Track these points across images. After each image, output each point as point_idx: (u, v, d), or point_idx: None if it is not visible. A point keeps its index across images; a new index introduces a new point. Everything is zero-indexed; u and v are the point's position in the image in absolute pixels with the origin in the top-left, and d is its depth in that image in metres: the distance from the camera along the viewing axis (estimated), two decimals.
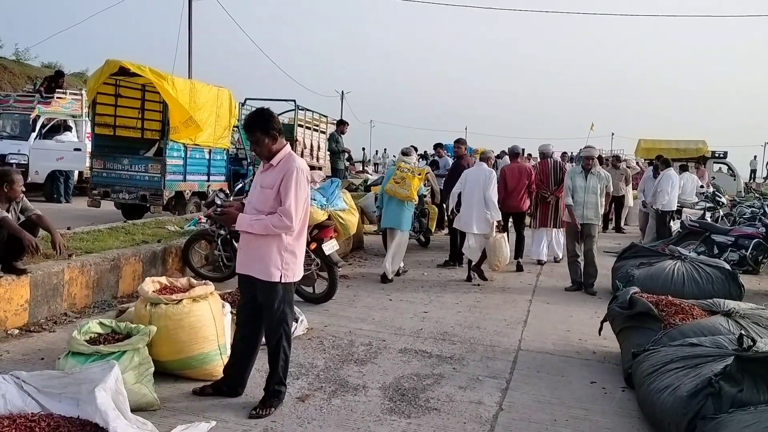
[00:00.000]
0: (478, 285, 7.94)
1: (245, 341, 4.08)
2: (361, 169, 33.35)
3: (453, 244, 9.25)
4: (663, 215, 11.06)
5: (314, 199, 6.20)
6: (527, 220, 9.93)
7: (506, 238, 8.50)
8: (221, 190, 7.33)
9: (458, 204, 8.25)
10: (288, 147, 3.94)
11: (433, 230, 11.36)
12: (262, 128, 3.84)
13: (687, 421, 3.38)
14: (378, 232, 10.47)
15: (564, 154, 19.60)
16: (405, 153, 8.35)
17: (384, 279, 7.79)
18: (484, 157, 8.58)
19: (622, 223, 15.16)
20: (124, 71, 10.72)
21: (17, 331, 5.03)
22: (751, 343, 3.72)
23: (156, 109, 12.23)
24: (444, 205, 10.80)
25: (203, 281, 4.70)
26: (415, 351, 5.17)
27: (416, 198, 7.95)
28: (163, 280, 4.64)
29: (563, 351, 5.39)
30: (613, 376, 4.78)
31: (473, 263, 8.16)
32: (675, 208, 11.37)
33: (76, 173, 15.30)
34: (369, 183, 19.01)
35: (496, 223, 8.14)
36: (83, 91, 15.01)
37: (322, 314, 6.11)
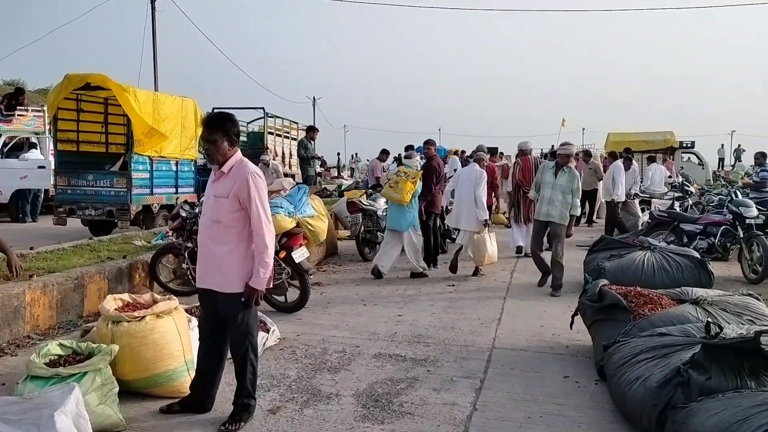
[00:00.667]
0: (453, 285, 7.93)
1: (210, 356, 3.99)
2: (336, 174, 33.30)
3: (426, 247, 9.22)
4: (614, 206, 11.70)
5: (281, 207, 6.13)
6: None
7: (491, 237, 8.80)
8: (186, 201, 7.21)
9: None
10: (239, 154, 3.86)
11: None
12: (224, 129, 3.77)
13: (658, 412, 3.38)
14: (352, 237, 10.42)
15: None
16: (407, 157, 8.93)
17: (378, 274, 8.21)
18: (477, 158, 8.88)
19: (595, 217, 15.31)
20: (85, 85, 10.54)
21: None
22: (718, 330, 3.73)
23: (120, 123, 12.04)
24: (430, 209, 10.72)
25: (167, 296, 4.60)
26: (389, 355, 5.12)
27: (408, 201, 8.09)
28: (126, 297, 4.53)
29: (537, 347, 5.39)
30: (587, 369, 4.78)
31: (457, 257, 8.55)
32: (623, 199, 11.84)
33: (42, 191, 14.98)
34: (343, 188, 18.98)
35: (483, 222, 8.43)
36: (45, 108, 14.72)
37: (294, 323, 6.03)
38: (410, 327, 5.96)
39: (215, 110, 18.04)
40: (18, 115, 14.76)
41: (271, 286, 6.07)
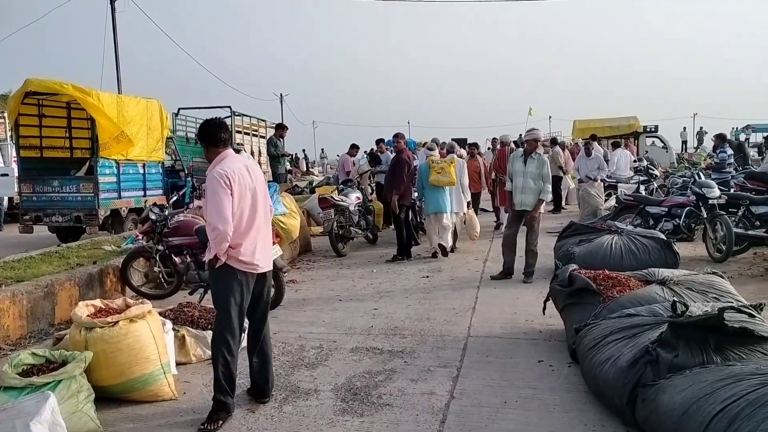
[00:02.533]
0: (427, 277, 7.99)
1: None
2: (306, 170, 33.15)
3: (400, 239, 9.28)
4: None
5: None
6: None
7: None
8: (155, 204, 7.13)
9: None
10: (220, 156, 3.91)
11: (380, 227, 11.38)
12: (201, 136, 4.06)
13: (629, 391, 3.47)
14: (325, 233, 10.42)
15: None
16: (430, 149, 10.02)
17: (444, 252, 9.29)
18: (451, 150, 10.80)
19: (563, 203, 15.54)
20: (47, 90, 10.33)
21: None
22: (684, 309, 3.85)
23: (84, 127, 11.84)
24: (389, 201, 10.81)
25: (140, 300, 4.57)
26: (366, 349, 5.16)
27: (456, 181, 9.33)
28: (98, 302, 4.49)
29: (511, 333, 5.48)
30: (560, 353, 4.88)
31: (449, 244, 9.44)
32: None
33: (6, 199, 14.67)
34: (315, 185, 18.92)
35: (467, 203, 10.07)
36: (6, 114, 14.41)
37: (270, 321, 5.92)
38: (386, 320, 6.01)
39: (181, 110, 17.94)
40: None
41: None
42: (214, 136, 3.96)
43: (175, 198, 7.91)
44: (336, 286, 7.52)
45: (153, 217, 6.68)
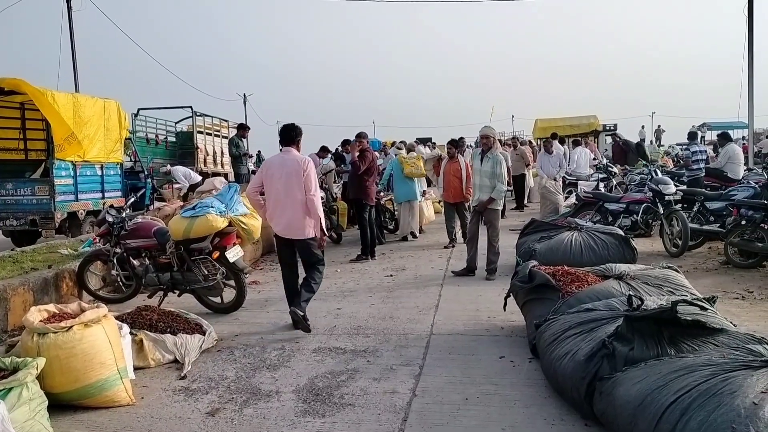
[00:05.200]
0: (391, 276, 8.00)
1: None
2: None
3: (364, 239, 9.27)
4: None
5: (212, 207, 6.02)
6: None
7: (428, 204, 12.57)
8: (111, 206, 6.96)
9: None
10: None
11: (345, 227, 11.35)
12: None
13: (586, 384, 3.53)
14: None
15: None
16: (399, 148, 13.01)
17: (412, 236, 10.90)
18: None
19: (525, 201, 15.74)
20: None
21: None
22: (640, 303, 3.94)
23: (39, 128, 11.54)
24: (354, 200, 10.80)
25: (96, 304, 4.46)
26: (329, 349, 5.13)
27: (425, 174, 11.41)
28: (51, 307, 4.37)
29: (473, 330, 5.51)
30: (521, 348, 4.93)
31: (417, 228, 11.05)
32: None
33: None
34: None
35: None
36: None
37: (232, 324, 5.96)
38: (349, 319, 5.99)
39: (141, 111, 17.62)
40: None
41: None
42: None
43: (132, 199, 7.73)
44: None
45: (109, 219, 6.53)
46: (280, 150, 5.79)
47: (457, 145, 10.34)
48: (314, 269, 5.81)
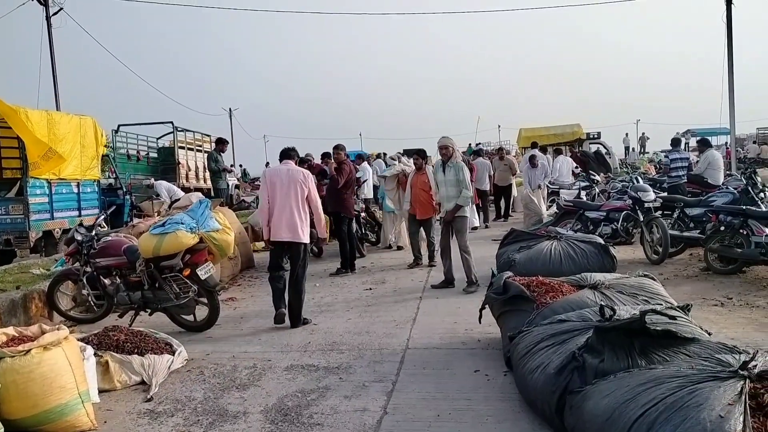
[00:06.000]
0: (370, 289, 7.89)
1: None
2: (256, 184, 32.65)
3: (343, 252, 9.17)
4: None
5: (182, 223, 5.91)
6: None
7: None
8: (80, 224, 6.82)
9: None
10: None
11: (327, 240, 11.23)
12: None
13: (556, 398, 3.45)
14: (267, 248, 10.21)
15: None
16: (393, 158, 12.07)
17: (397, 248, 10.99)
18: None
19: (510, 211, 15.70)
20: None
21: None
22: (612, 313, 3.86)
23: (13, 146, 11.34)
24: (333, 214, 10.71)
25: (56, 326, 4.31)
26: (301, 366, 5.02)
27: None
28: (10, 330, 4.23)
29: (449, 344, 5.42)
30: (496, 361, 4.84)
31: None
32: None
33: None
34: None
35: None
36: None
37: (204, 342, 5.83)
38: (325, 335, 5.88)
39: (121, 127, 17.47)
40: None
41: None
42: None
43: (103, 217, 7.60)
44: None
45: (78, 237, 6.39)
46: (281, 162, 6.63)
47: (423, 155, 9.54)
48: (302, 277, 6.35)
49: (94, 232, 6.48)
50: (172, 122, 18.08)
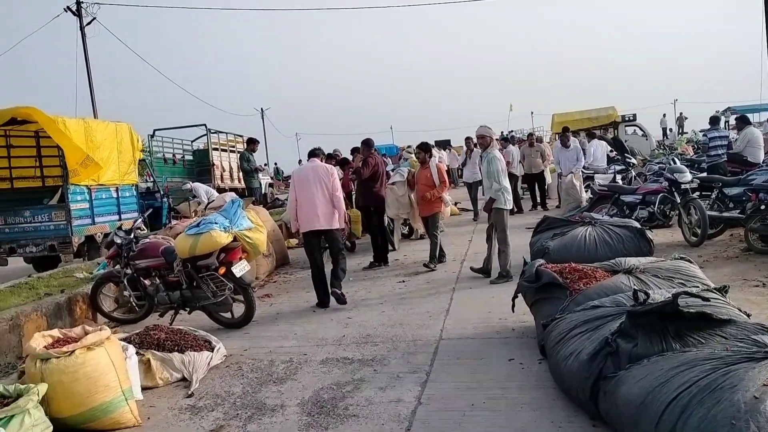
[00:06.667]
0: (403, 282, 7.93)
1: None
2: (290, 182, 32.99)
3: (375, 246, 9.22)
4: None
5: (216, 223, 6.03)
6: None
7: None
8: (120, 228, 7.02)
9: None
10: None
11: (359, 234, 11.29)
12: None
13: (590, 384, 3.42)
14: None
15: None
16: (409, 152, 12.15)
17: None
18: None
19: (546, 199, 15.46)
20: (11, 120, 10.21)
21: None
22: (646, 297, 3.80)
23: (54, 155, 11.68)
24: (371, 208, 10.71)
25: (99, 327, 4.46)
26: (336, 359, 5.08)
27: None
28: (55, 332, 4.40)
29: (483, 333, 5.42)
30: (531, 350, 4.82)
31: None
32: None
33: None
34: None
35: None
36: None
37: (242, 338, 5.95)
38: (359, 328, 5.94)
39: (156, 132, 17.85)
40: None
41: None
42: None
43: (140, 219, 7.80)
44: (311, 297, 7.40)
45: (117, 241, 6.58)
46: (308, 160, 7.39)
47: (426, 149, 8.97)
48: (339, 257, 7.13)
49: (132, 235, 6.66)
50: (205, 125, 18.39)
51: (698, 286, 4.36)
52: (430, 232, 8.75)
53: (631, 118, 27.57)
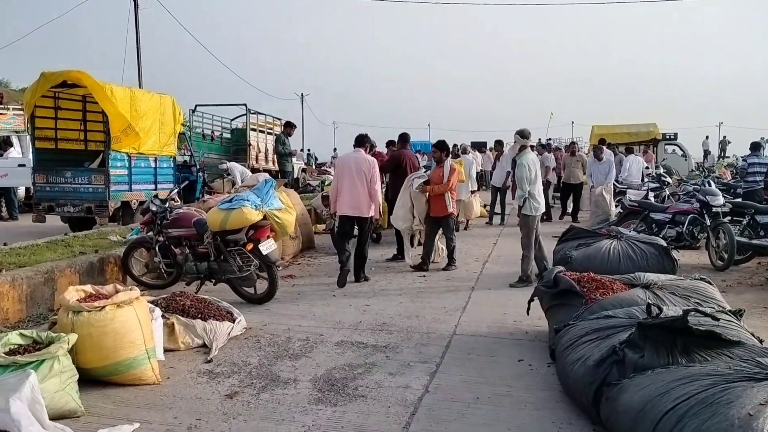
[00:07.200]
0: (424, 277, 8.05)
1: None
2: (323, 169, 33.30)
3: (399, 239, 9.34)
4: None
5: (248, 200, 6.22)
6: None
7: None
8: (156, 196, 7.28)
9: None
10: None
11: (385, 226, 11.42)
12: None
13: (594, 389, 3.51)
14: (327, 230, 10.53)
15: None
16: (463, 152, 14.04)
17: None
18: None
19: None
20: (62, 83, 10.58)
21: None
22: (659, 311, 3.87)
23: (98, 120, 12.03)
24: (391, 201, 10.85)
25: (129, 287, 4.68)
26: (351, 343, 5.23)
27: (466, 179, 11.39)
28: (89, 288, 4.62)
29: (497, 333, 5.52)
30: (541, 353, 4.91)
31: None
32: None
33: (22, 189, 15.01)
34: (327, 183, 19.09)
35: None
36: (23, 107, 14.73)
37: (262, 314, 6.14)
38: (376, 316, 6.08)
39: (198, 107, 18.20)
40: None
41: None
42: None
43: (176, 190, 8.05)
44: (332, 282, 7.58)
45: (153, 208, 6.83)
46: (354, 149, 7.72)
47: (442, 148, 8.60)
48: (366, 243, 7.69)
49: (167, 204, 6.90)
50: (245, 105, 18.68)
51: (714, 307, 4.40)
52: (446, 235, 8.52)
53: (672, 136, 27.21)
